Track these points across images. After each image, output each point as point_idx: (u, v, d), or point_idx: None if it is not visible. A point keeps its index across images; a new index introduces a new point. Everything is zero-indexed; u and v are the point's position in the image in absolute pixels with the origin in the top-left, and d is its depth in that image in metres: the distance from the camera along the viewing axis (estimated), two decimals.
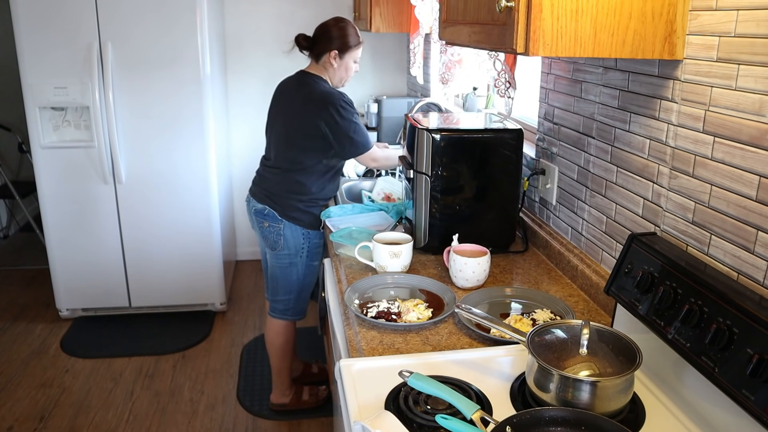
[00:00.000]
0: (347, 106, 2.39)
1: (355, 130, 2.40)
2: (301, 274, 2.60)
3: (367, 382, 1.24)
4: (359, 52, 2.51)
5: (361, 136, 2.41)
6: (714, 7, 1.15)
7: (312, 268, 2.61)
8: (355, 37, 2.47)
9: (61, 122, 3.43)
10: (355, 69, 2.54)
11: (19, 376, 3.11)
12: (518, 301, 1.63)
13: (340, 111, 2.36)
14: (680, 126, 1.29)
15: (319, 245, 2.58)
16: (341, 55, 2.44)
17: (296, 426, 2.75)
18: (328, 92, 2.41)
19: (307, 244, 2.53)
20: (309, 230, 2.51)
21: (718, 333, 1.03)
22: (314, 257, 2.59)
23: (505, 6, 1.18)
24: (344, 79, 2.54)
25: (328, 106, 2.36)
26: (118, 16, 3.22)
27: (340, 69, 2.48)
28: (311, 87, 2.43)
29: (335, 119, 2.36)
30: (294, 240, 2.52)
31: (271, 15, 4.16)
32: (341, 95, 2.41)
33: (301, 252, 2.54)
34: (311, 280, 2.65)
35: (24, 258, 4.60)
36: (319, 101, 2.38)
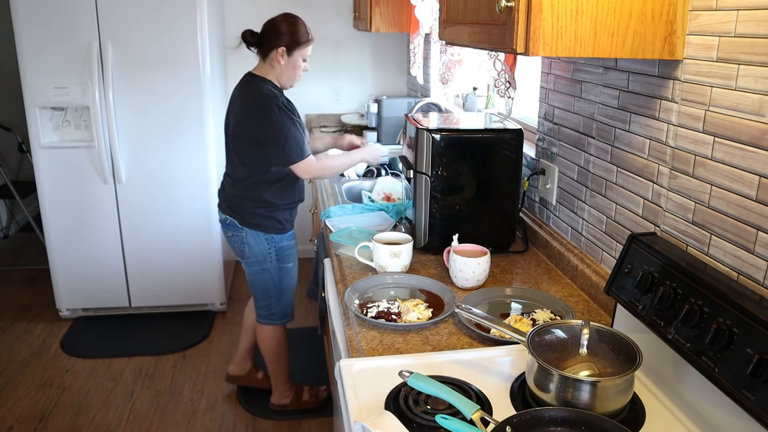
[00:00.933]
0: (284, 108, 2.28)
1: (287, 135, 2.27)
2: (275, 278, 2.56)
3: (367, 382, 1.24)
4: (309, 50, 2.39)
5: (293, 142, 2.28)
6: (714, 7, 1.15)
7: (286, 270, 2.57)
8: (305, 34, 2.36)
9: (61, 122, 3.43)
10: (304, 68, 2.41)
11: (19, 376, 3.11)
12: (518, 301, 1.63)
13: (274, 114, 2.26)
14: (680, 126, 1.29)
15: (290, 247, 2.54)
16: (289, 52, 2.33)
17: (296, 426, 2.75)
18: (264, 94, 2.30)
19: (274, 249, 2.49)
20: (273, 235, 2.47)
21: (718, 333, 1.03)
22: (286, 259, 2.55)
23: (505, 6, 1.18)
24: (292, 79, 2.41)
25: (263, 109, 2.28)
26: (118, 16, 3.22)
27: (287, 67, 2.36)
28: (251, 91, 2.35)
29: (268, 122, 2.27)
30: (258, 247, 2.48)
31: (271, 15, 4.14)
32: (278, 97, 2.31)
33: (269, 257, 2.50)
34: (289, 282, 2.61)
35: (24, 258, 4.60)
36: (256, 105, 2.30)
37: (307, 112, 4.36)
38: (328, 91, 4.35)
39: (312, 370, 3.16)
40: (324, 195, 2.75)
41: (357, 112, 4.34)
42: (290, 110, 2.31)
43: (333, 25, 4.22)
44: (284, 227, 2.49)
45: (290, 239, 2.55)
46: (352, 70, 4.33)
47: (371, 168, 3.12)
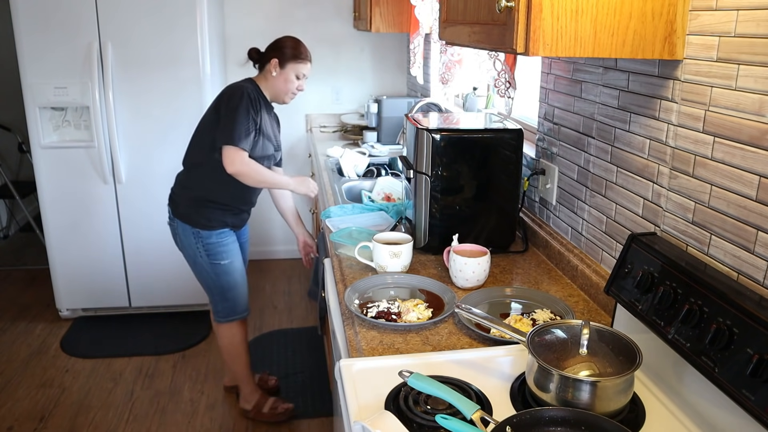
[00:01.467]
0: (246, 100, 2.29)
1: (235, 119, 2.27)
2: (211, 275, 2.53)
3: (367, 382, 1.24)
4: (304, 69, 2.44)
5: (235, 125, 2.26)
6: (714, 7, 1.15)
7: (221, 267, 2.52)
8: (302, 52, 2.43)
9: (61, 122, 3.44)
10: (298, 86, 2.45)
11: (19, 376, 3.11)
12: (518, 301, 1.63)
13: (233, 99, 2.29)
14: (680, 126, 1.29)
15: (221, 244, 2.49)
16: (282, 64, 2.39)
17: (296, 426, 2.75)
18: (238, 85, 2.35)
19: (201, 244, 2.46)
20: (200, 230, 2.45)
21: (718, 333, 1.03)
22: (218, 256, 2.50)
23: (505, 6, 1.18)
24: (282, 92, 2.44)
25: (228, 93, 2.33)
26: (118, 16, 3.22)
27: (278, 79, 2.41)
28: (233, 85, 2.38)
29: (225, 104, 2.31)
30: (186, 239, 2.48)
31: (271, 15, 4.16)
32: (249, 90, 2.33)
33: (198, 252, 2.48)
34: (228, 279, 2.55)
35: (24, 258, 4.60)
36: (227, 92, 2.35)
37: (307, 112, 4.36)
38: (328, 91, 4.35)
39: (312, 370, 3.16)
40: (324, 195, 2.75)
41: (357, 112, 4.34)
42: (254, 105, 2.31)
43: (333, 25, 4.22)
44: (212, 225, 2.46)
45: (221, 237, 2.49)
46: (352, 70, 4.33)
47: (371, 168, 3.12)
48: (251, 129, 2.30)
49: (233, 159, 2.27)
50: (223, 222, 2.48)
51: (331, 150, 3.37)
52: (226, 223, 2.49)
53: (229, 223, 2.51)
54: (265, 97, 2.44)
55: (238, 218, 2.56)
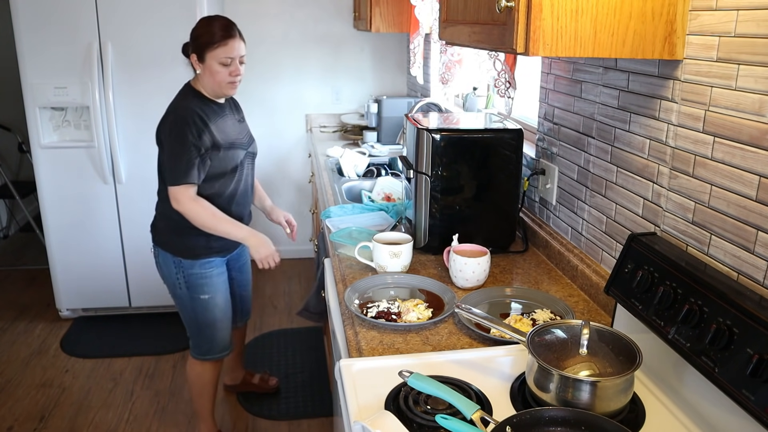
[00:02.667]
0: (180, 125, 2.06)
1: (175, 153, 2.05)
2: (189, 309, 2.32)
3: (367, 382, 1.24)
4: (228, 52, 2.07)
5: (177, 163, 2.05)
6: (714, 7, 1.15)
7: (201, 302, 2.29)
8: (213, 35, 2.06)
9: (61, 122, 3.44)
10: (230, 72, 2.11)
11: (19, 376, 3.11)
12: (518, 301, 1.63)
13: (171, 127, 2.08)
14: (680, 126, 1.29)
15: (203, 276, 2.26)
16: (200, 57, 2.09)
17: (296, 426, 2.75)
18: (173, 105, 2.15)
19: (182, 275, 2.25)
20: (181, 259, 2.23)
21: (718, 333, 1.03)
22: (198, 290, 2.27)
23: (505, 6, 1.18)
24: (214, 86, 2.13)
25: (166, 120, 2.12)
26: (118, 16, 3.22)
27: (204, 74, 2.11)
28: (172, 101, 2.19)
29: (165, 135, 2.10)
30: (167, 268, 2.27)
31: (270, 15, 4.16)
32: (183, 110, 2.09)
33: (178, 284, 2.27)
34: (207, 315, 2.32)
35: (24, 258, 4.60)
36: (165, 115, 2.15)
37: (307, 112, 4.36)
38: (328, 91, 4.35)
39: (312, 370, 3.16)
40: (324, 195, 2.74)
41: (357, 112, 4.34)
42: (191, 125, 2.06)
43: (333, 25, 4.22)
44: (195, 253, 2.24)
45: (205, 267, 2.26)
46: (352, 70, 4.33)
47: (371, 168, 3.12)
48: (193, 157, 2.06)
49: (177, 198, 2.09)
50: (208, 248, 2.26)
51: (331, 150, 3.37)
52: (212, 248, 2.27)
53: (216, 248, 2.28)
54: (210, 100, 2.19)
55: (228, 240, 2.29)
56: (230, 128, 2.21)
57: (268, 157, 4.25)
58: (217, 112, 2.17)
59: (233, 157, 2.19)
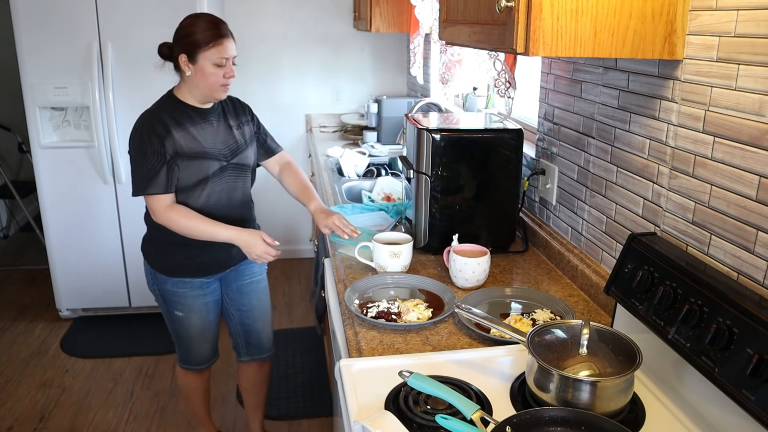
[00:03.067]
0: (141, 135, 1.95)
1: (137, 162, 1.96)
2: (167, 319, 2.21)
3: (367, 382, 1.24)
4: (223, 52, 1.93)
5: (140, 172, 1.95)
6: (714, 7, 1.15)
7: (176, 318, 2.17)
8: (207, 33, 1.91)
9: (61, 122, 3.44)
10: (224, 74, 1.95)
11: (19, 376, 3.11)
12: (518, 301, 1.63)
13: (136, 134, 1.97)
14: (680, 126, 1.29)
15: (177, 294, 2.12)
16: (191, 58, 1.92)
17: (296, 426, 2.75)
18: (143, 112, 2.02)
19: (157, 287, 2.14)
20: (155, 272, 2.12)
21: (718, 333, 1.03)
22: (172, 305, 2.15)
23: (505, 6, 1.18)
24: (205, 90, 1.97)
25: (134, 127, 2.00)
26: (118, 16, 3.22)
27: (196, 76, 1.94)
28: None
29: (130, 143, 2.00)
30: (147, 276, 2.19)
31: (271, 15, 4.16)
32: (147, 116, 1.98)
33: (156, 293, 2.17)
34: (181, 330, 2.20)
35: (24, 258, 4.60)
36: (135, 123, 2.03)
37: (307, 112, 4.36)
38: (328, 91, 4.35)
39: (312, 370, 3.16)
40: (324, 195, 2.74)
41: (357, 112, 4.34)
42: (153, 138, 1.93)
43: (333, 25, 4.22)
44: (168, 269, 2.10)
45: (177, 286, 2.11)
46: (352, 70, 4.33)
47: (371, 168, 3.12)
48: (157, 166, 1.92)
49: (151, 209, 1.97)
50: (183, 269, 2.09)
51: (331, 150, 3.37)
52: (187, 269, 2.09)
53: (193, 268, 2.10)
54: (190, 106, 2.02)
55: (212, 258, 2.11)
56: (205, 136, 2.00)
57: None
58: (192, 119, 2.00)
59: (200, 168, 1.97)
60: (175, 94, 2.04)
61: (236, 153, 2.07)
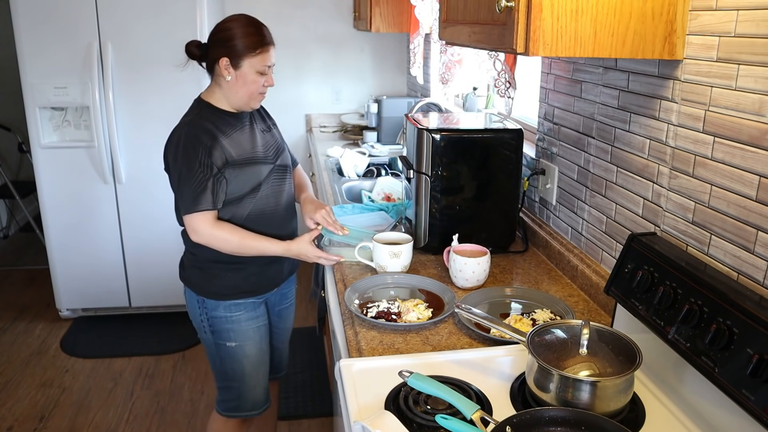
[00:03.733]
0: (189, 143, 1.76)
1: (185, 177, 1.76)
2: (215, 356, 1.99)
3: (367, 382, 1.24)
4: (266, 60, 1.81)
5: (187, 189, 1.76)
6: (714, 7, 1.15)
7: (227, 350, 1.95)
8: (257, 40, 1.79)
9: (61, 122, 3.44)
10: (265, 82, 1.84)
11: (19, 376, 3.11)
12: (518, 301, 1.63)
13: (178, 148, 1.78)
14: (680, 126, 1.29)
15: (230, 320, 1.92)
16: (235, 63, 1.78)
17: (296, 426, 2.75)
18: (180, 123, 1.84)
19: (206, 317, 1.93)
20: (204, 298, 1.92)
21: (718, 333, 1.03)
22: (223, 335, 1.94)
23: (505, 6, 1.18)
24: (248, 98, 1.84)
25: (171, 141, 1.82)
26: (118, 16, 3.22)
27: (236, 84, 1.81)
28: (181, 118, 1.88)
29: (171, 158, 1.81)
30: (192, 308, 1.97)
31: (271, 15, 4.16)
32: (187, 127, 1.80)
33: (202, 327, 1.96)
34: (235, 366, 1.98)
35: (24, 258, 4.60)
36: (171, 133, 1.84)
37: (307, 112, 4.36)
38: (328, 91, 4.35)
39: (312, 370, 3.16)
40: (324, 195, 2.75)
41: (357, 112, 4.34)
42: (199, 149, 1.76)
43: (333, 25, 4.22)
44: (219, 293, 1.90)
45: (232, 310, 1.92)
46: (352, 70, 4.33)
47: (371, 168, 3.12)
48: (205, 179, 1.76)
49: (195, 229, 1.80)
50: (237, 288, 1.91)
51: (331, 150, 3.37)
52: (241, 288, 1.92)
53: (247, 287, 1.93)
54: (227, 112, 1.87)
55: (264, 275, 1.95)
56: (249, 141, 1.88)
57: None
58: (232, 124, 1.86)
59: (253, 174, 1.85)
60: (207, 101, 1.88)
61: (278, 154, 1.97)
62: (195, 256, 1.92)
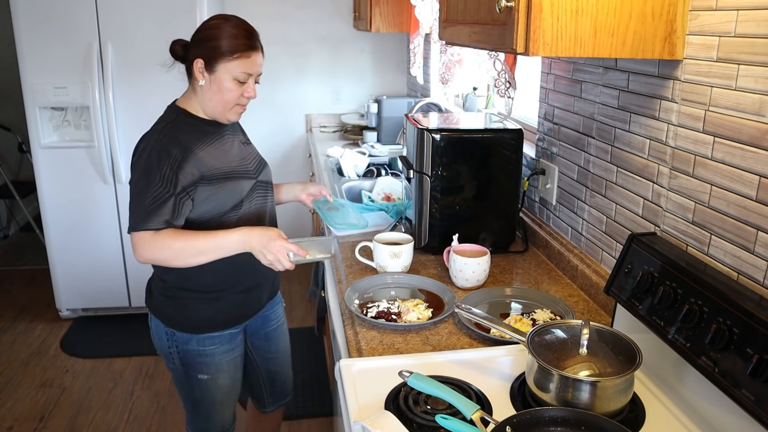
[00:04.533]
0: (155, 154, 1.58)
1: (139, 190, 1.59)
2: (184, 384, 1.82)
3: (367, 382, 1.24)
4: (246, 66, 1.62)
5: (140, 204, 1.59)
6: (714, 7, 1.15)
7: (199, 381, 1.79)
8: (235, 42, 1.61)
9: (61, 122, 3.44)
10: (243, 92, 1.64)
11: (19, 376, 3.11)
12: (518, 301, 1.63)
13: (140, 157, 1.61)
14: (680, 126, 1.29)
15: (203, 353, 1.75)
16: (209, 65, 1.62)
17: (296, 426, 2.75)
18: (150, 131, 1.66)
19: (175, 349, 1.75)
20: (174, 330, 1.74)
21: (718, 333, 1.03)
22: (195, 368, 1.77)
23: (505, 6, 1.18)
24: (216, 107, 1.65)
25: (137, 150, 1.64)
26: (118, 16, 3.22)
27: (210, 88, 1.63)
28: (152, 126, 1.70)
29: (132, 166, 1.65)
30: (159, 339, 1.78)
31: (271, 15, 4.16)
32: (155, 135, 1.62)
33: (170, 358, 1.78)
34: (208, 397, 1.82)
35: (24, 258, 4.60)
36: (137, 143, 1.67)
37: (307, 112, 4.36)
38: (328, 91, 4.35)
39: (312, 370, 3.16)
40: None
41: (357, 112, 4.34)
42: (165, 159, 1.57)
43: (333, 25, 4.22)
44: (192, 326, 1.73)
45: (204, 344, 1.74)
46: (352, 70, 4.33)
47: (371, 168, 3.12)
48: (164, 196, 1.58)
49: (135, 248, 1.62)
50: (212, 321, 1.74)
51: (331, 150, 3.37)
52: (217, 321, 1.75)
53: (223, 319, 1.76)
54: (204, 120, 1.70)
55: (243, 304, 1.80)
56: (229, 153, 1.71)
57: (268, 158, 4.23)
58: (210, 134, 1.68)
59: (234, 190, 1.68)
60: (182, 107, 1.70)
61: (260, 169, 1.80)
62: (164, 283, 1.73)
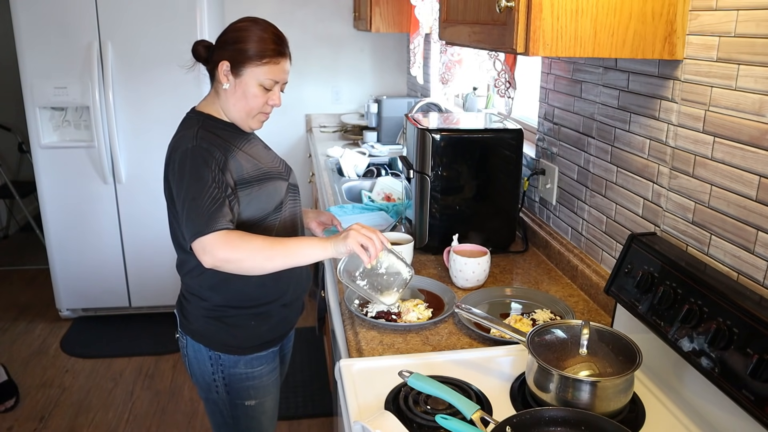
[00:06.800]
0: (200, 158, 1.46)
1: (193, 195, 1.42)
2: (227, 416, 1.68)
3: (367, 382, 1.24)
4: (274, 73, 1.55)
5: (197, 210, 1.41)
6: (714, 7, 1.15)
7: (245, 409, 1.66)
8: (265, 46, 1.54)
9: (61, 122, 3.44)
10: (270, 101, 1.58)
11: (19, 376, 3.11)
12: (518, 301, 1.63)
13: (183, 165, 1.47)
14: (680, 126, 1.29)
15: (252, 376, 1.63)
16: (236, 69, 1.53)
17: (296, 426, 2.75)
18: (182, 136, 1.53)
19: (220, 374, 1.62)
20: (220, 353, 1.61)
21: (718, 333, 1.03)
22: (241, 394, 1.65)
23: (505, 6, 1.18)
24: (239, 113, 1.56)
25: (174, 156, 1.51)
26: (118, 16, 3.22)
27: (235, 92, 1.54)
28: (174, 137, 1.57)
29: (175, 180, 1.49)
30: (199, 366, 1.64)
31: (271, 15, 4.12)
32: (192, 140, 1.48)
33: (214, 386, 1.64)
34: (252, 426, 1.70)
35: (24, 258, 4.60)
36: (170, 151, 1.55)
37: (307, 112, 4.36)
38: (328, 91, 4.35)
39: (312, 370, 3.16)
40: (324, 195, 2.75)
41: (357, 112, 4.34)
42: (211, 160, 1.46)
43: (333, 25, 4.22)
44: (240, 345, 1.60)
45: (253, 365, 1.63)
46: (352, 70, 4.33)
47: (371, 168, 3.12)
48: (220, 196, 1.44)
49: (206, 249, 1.40)
50: (261, 338, 1.63)
51: (331, 150, 3.37)
52: (265, 338, 1.64)
53: (269, 335, 1.65)
54: (231, 124, 1.61)
55: (284, 320, 1.68)
56: (261, 155, 1.64)
57: None
58: (240, 136, 1.60)
59: (275, 190, 1.59)
60: (206, 112, 1.60)
61: (288, 171, 1.71)
62: (206, 302, 1.60)
